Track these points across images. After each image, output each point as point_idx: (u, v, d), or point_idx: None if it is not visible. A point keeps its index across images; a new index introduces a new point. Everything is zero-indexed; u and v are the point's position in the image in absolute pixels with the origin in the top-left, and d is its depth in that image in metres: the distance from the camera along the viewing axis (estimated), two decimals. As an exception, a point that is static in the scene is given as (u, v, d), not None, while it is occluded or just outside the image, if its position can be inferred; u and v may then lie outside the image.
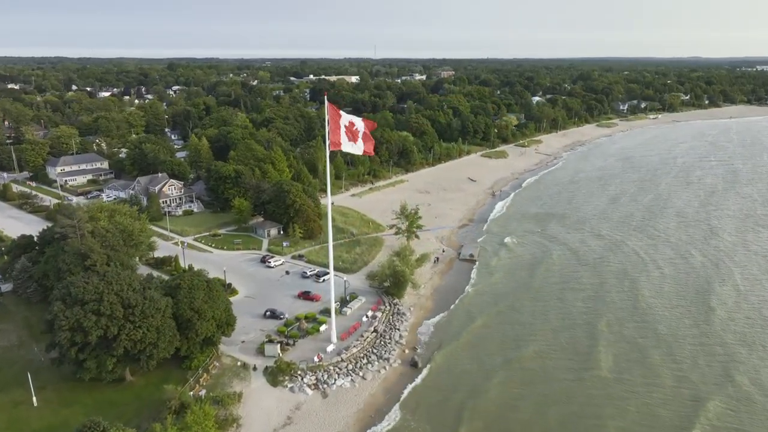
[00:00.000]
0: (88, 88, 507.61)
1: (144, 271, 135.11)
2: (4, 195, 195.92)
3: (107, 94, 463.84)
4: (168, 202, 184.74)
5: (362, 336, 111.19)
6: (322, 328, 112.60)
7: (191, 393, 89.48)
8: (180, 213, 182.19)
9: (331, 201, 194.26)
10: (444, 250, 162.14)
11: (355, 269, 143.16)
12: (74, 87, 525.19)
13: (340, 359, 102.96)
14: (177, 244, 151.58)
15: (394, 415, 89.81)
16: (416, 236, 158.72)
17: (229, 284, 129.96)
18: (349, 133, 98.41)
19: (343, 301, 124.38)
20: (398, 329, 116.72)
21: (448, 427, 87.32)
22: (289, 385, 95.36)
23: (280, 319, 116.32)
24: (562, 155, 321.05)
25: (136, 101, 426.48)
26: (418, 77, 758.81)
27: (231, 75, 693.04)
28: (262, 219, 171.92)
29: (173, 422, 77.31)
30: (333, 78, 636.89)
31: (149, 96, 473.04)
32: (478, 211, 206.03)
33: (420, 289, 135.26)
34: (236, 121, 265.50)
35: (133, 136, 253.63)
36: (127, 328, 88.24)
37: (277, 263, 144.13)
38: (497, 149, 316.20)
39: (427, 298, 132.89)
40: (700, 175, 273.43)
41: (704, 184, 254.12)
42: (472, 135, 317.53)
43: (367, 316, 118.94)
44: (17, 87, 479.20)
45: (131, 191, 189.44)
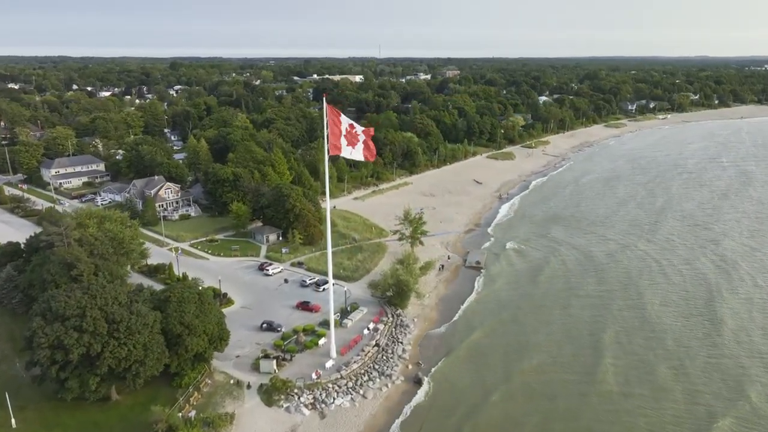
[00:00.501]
0: (89, 88, 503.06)
1: (137, 279, 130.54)
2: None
3: (108, 93, 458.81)
4: (164, 206, 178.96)
5: (363, 350, 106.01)
6: (321, 341, 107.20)
7: (180, 414, 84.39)
8: (177, 217, 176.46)
9: (333, 205, 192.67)
10: (449, 257, 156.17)
11: (356, 277, 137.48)
12: (75, 87, 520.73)
13: (339, 376, 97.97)
14: (172, 250, 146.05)
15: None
16: (420, 242, 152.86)
17: (225, 294, 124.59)
18: (349, 137, 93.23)
19: (344, 312, 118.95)
20: (401, 342, 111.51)
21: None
22: (285, 404, 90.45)
23: (277, 331, 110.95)
24: (570, 156, 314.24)
25: (137, 101, 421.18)
26: (422, 77, 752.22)
27: (234, 74, 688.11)
28: (261, 224, 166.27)
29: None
30: (337, 77, 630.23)
31: (150, 96, 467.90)
32: (485, 215, 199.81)
33: (424, 299, 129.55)
34: (236, 121, 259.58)
35: (131, 137, 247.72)
36: (111, 345, 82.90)
37: (275, 271, 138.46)
38: (504, 150, 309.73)
39: (432, 309, 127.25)
40: (712, 177, 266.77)
41: (716, 186, 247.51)
42: (477, 136, 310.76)
43: (368, 329, 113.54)
44: (17, 87, 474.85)
45: (127, 194, 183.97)
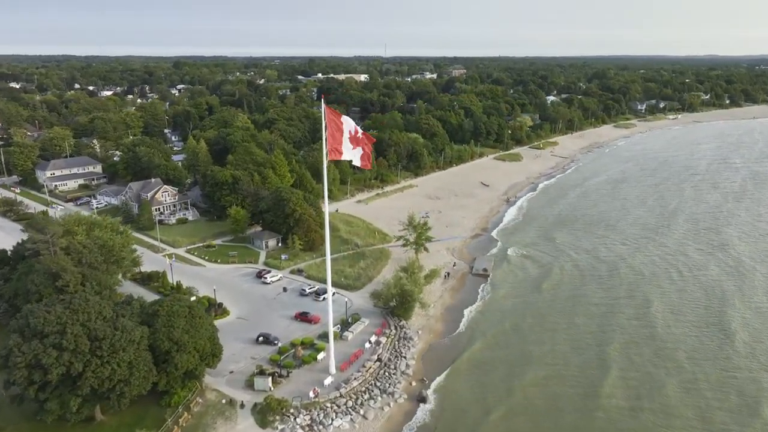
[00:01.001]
0: (90, 88, 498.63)
1: (129, 287, 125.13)
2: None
3: (109, 93, 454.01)
4: (161, 210, 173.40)
5: (364, 366, 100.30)
6: (320, 356, 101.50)
7: (167, 437, 78.67)
8: (174, 221, 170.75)
9: (335, 209, 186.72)
10: (455, 264, 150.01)
11: (358, 286, 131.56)
12: (77, 86, 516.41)
13: (338, 394, 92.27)
14: (166, 257, 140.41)
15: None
16: (425, 249, 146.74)
17: (220, 304, 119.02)
18: (352, 140, 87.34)
19: (344, 324, 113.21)
20: (404, 357, 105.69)
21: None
22: (280, 426, 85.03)
23: (274, 344, 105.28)
24: (579, 158, 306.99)
25: (139, 100, 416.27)
26: (428, 76, 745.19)
27: (238, 73, 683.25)
28: (260, 229, 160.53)
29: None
30: (342, 77, 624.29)
31: (153, 95, 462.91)
32: (492, 218, 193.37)
33: (429, 310, 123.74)
34: (237, 122, 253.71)
35: (130, 138, 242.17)
36: (93, 364, 77.49)
37: (273, 279, 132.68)
38: (511, 151, 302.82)
39: (437, 320, 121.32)
40: (725, 178, 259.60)
41: (730, 188, 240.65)
42: (484, 136, 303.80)
43: (370, 342, 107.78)
44: (18, 86, 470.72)
45: (123, 197, 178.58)
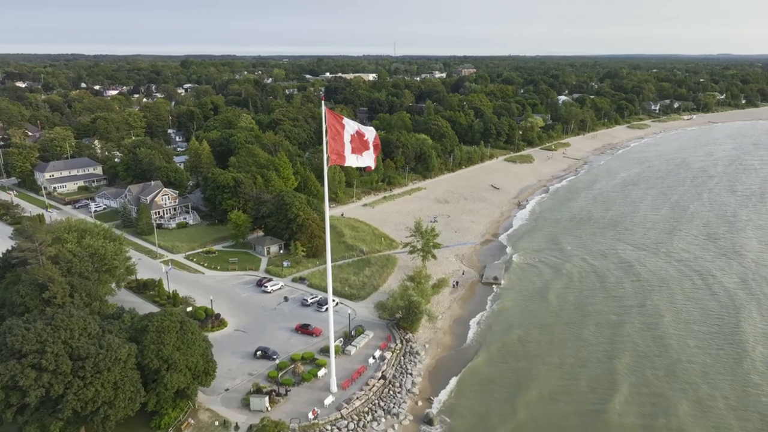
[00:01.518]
0: (96, 87, 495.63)
1: (124, 296, 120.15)
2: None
3: (115, 92, 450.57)
4: (161, 214, 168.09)
5: (367, 384, 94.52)
6: (321, 372, 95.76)
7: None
8: (174, 225, 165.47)
9: (340, 212, 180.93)
10: (464, 272, 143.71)
11: (363, 295, 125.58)
12: (83, 85, 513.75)
13: (339, 415, 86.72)
14: (163, 264, 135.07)
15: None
16: (433, 256, 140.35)
17: (218, 314, 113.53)
18: (355, 144, 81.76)
19: (348, 337, 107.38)
20: (410, 374, 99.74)
21: None
22: (276, 452, 78.70)
23: (273, 359, 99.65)
24: (592, 159, 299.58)
25: (144, 100, 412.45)
26: (438, 75, 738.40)
27: (245, 72, 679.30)
28: (261, 234, 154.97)
29: None
30: (350, 76, 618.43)
31: (159, 94, 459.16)
32: (503, 223, 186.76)
33: (437, 322, 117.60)
34: (241, 122, 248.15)
35: (132, 138, 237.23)
36: (75, 386, 72.23)
37: (274, 287, 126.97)
38: (522, 153, 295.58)
39: (445, 332, 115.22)
40: (743, 182, 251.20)
41: (749, 192, 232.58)
42: (495, 137, 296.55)
43: (374, 357, 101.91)
44: (24, 85, 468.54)
45: (122, 200, 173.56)
